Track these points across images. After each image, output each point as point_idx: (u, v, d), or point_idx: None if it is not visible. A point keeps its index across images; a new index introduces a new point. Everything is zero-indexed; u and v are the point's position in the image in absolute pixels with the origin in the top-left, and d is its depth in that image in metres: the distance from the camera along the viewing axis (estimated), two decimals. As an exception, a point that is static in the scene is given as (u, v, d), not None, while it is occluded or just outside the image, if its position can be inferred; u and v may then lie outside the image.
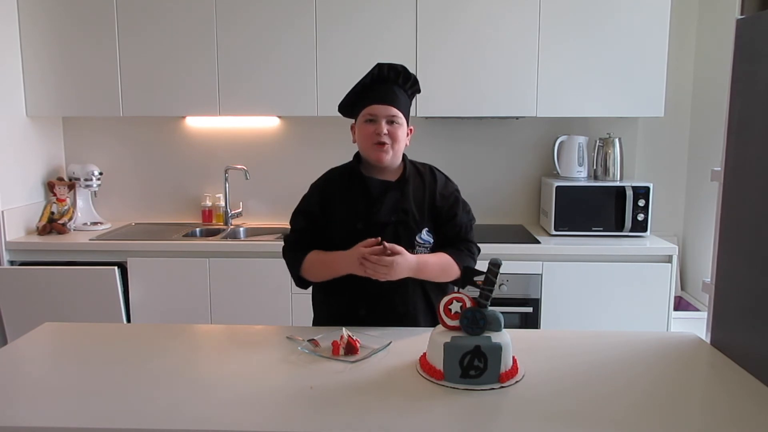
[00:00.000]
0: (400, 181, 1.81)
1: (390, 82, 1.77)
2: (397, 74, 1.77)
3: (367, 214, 1.77)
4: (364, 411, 1.25)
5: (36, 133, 3.25)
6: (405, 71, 1.78)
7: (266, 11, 3.02)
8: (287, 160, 3.44)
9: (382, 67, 1.76)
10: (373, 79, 1.77)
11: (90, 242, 2.99)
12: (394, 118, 1.75)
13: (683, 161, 3.40)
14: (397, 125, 1.76)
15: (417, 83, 1.82)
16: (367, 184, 1.79)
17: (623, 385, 1.39)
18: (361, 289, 1.74)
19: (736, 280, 1.55)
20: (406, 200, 1.78)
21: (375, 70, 1.77)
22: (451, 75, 3.00)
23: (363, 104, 1.77)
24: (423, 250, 1.78)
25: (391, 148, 1.75)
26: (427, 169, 1.88)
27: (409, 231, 1.77)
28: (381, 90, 1.76)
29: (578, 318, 2.87)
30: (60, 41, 3.10)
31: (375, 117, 1.74)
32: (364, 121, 1.76)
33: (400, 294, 1.77)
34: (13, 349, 1.63)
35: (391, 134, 1.74)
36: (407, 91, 1.81)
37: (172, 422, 1.21)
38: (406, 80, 1.79)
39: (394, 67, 1.77)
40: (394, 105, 1.75)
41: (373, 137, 1.74)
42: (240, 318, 2.94)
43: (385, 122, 1.74)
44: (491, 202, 3.41)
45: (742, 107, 1.55)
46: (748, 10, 1.60)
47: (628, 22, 2.95)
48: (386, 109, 1.74)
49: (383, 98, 1.75)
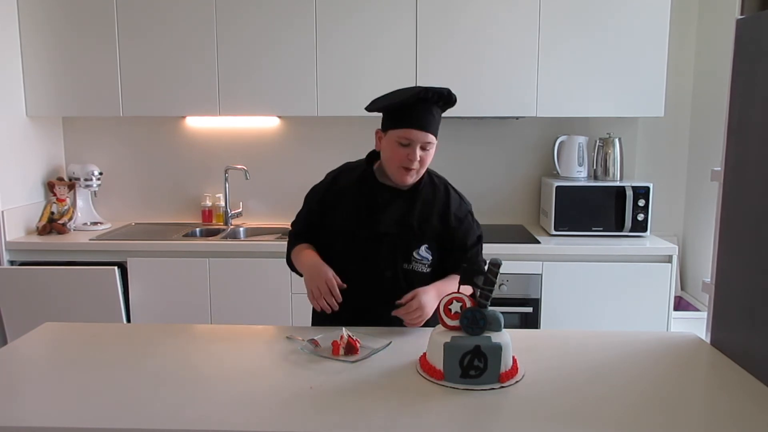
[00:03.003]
0: (411, 192, 1.78)
1: (431, 103, 1.71)
2: (439, 97, 1.71)
3: (367, 222, 1.76)
4: (364, 411, 1.25)
5: (36, 133, 3.25)
6: (449, 95, 1.72)
7: (266, 11, 3.02)
8: (287, 160, 3.44)
9: (428, 92, 1.68)
10: (417, 101, 1.69)
11: (90, 242, 2.99)
12: (428, 145, 1.71)
13: (683, 161, 3.40)
14: (429, 151, 1.72)
15: (455, 103, 1.75)
16: (374, 190, 1.77)
17: (623, 385, 1.39)
18: (350, 294, 1.72)
19: (736, 280, 1.55)
20: (411, 213, 1.76)
21: (421, 93, 1.68)
22: (451, 75, 2.99)
23: (401, 124, 1.69)
24: (420, 266, 1.77)
25: (417, 173, 1.73)
26: (441, 185, 1.84)
27: (406, 245, 1.76)
28: (421, 114, 1.68)
29: (578, 318, 2.87)
30: (60, 41, 3.10)
31: (411, 142, 1.68)
32: (397, 142, 1.70)
33: (385, 305, 1.72)
34: (13, 349, 1.63)
35: (422, 160, 1.71)
36: (442, 108, 1.75)
37: (172, 422, 1.21)
38: (447, 103, 1.73)
39: (440, 93, 1.70)
40: (431, 131, 1.70)
41: (404, 161, 1.70)
42: (240, 318, 2.94)
43: (419, 149, 1.69)
44: (491, 202, 3.41)
45: (742, 107, 1.55)
46: (748, 10, 1.60)
47: (628, 22, 2.95)
48: (424, 135, 1.68)
49: (423, 125, 1.68)
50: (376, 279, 1.75)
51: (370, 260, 1.75)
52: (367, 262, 1.75)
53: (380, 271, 1.75)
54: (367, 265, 1.75)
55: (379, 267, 1.75)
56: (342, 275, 1.72)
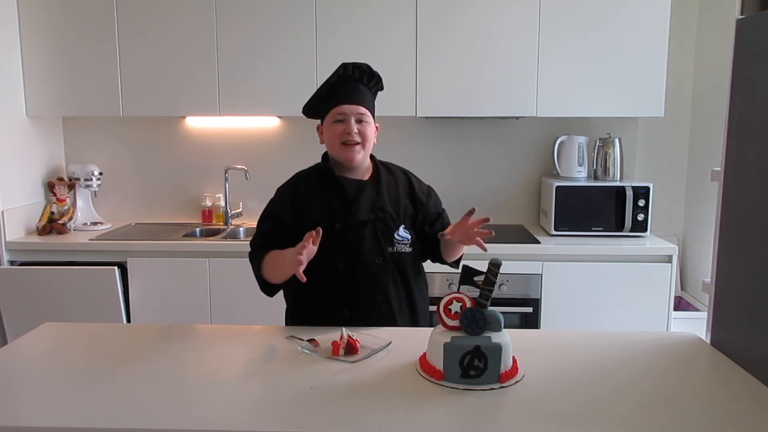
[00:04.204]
0: (374, 180, 1.83)
1: (355, 80, 1.78)
2: (362, 73, 1.79)
3: (345, 214, 1.77)
4: (364, 411, 1.25)
5: (36, 133, 3.25)
6: (369, 69, 1.80)
7: (266, 11, 3.02)
8: (287, 160, 3.41)
9: (348, 67, 1.78)
10: (339, 78, 1.78)
11: (90, 242, 2.99)
12: (363, 116, 1.76)
13: (683, 161, 3.40)
14: (366, 123, 1.77)
15: (380, 81, 1.84)
16: (341, 184, 1.79)
17: (623, 385, 1.39)
18: (343, 287, 1.75)
19: (736, 280, 1.55)
20: (382, 198, 1.80)
21: (340, 70, 1.78)
22: (451, 75, 3.00)
23: (330, 104, 1.77)
24: (402, 246, 1.80)
25: (362, 148, 1.77)
26: (397, 169, 1.92)
27: (387, 228, 1.78)
28: (348, 89, 1.77)
29: (578, 318, 2.87)
30: (60, 41, 3.10)
31: (344, 116, 1.75)
32: (332, 121, 1.77)
33: (381, 293, 1.77)
34: (13, 349, 1.63)
35: (361, 133, 1.76)
36: (371, 89, 1.83)
37: (172, 422, 1.21)
38: (370, 78, 1.81)
39: (359, 66, 1.79)
40: (362, 104, 1.77)
41: (343, 136, 1.75)
42: (240, 318, 2.94)
43: (354, 121, 1.75)
44: (491, 202, 3.41)
45: (742, 107, 1.55)
46: (748, 10, 1.60)
47: (628, 22, 2.95)
48: (355, 108, 1.75)
49: (351, 98, 1.76)
50: (366, 267, 1.76)
51: (357, 250, 1.76)
52: (354, 252, 1.76)
53: (369, 259, 1.76)
54: (355, 256, 1.76)
55: (366, 255, 1.76)
56: (332, 271, 1.74)
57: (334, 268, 1.75)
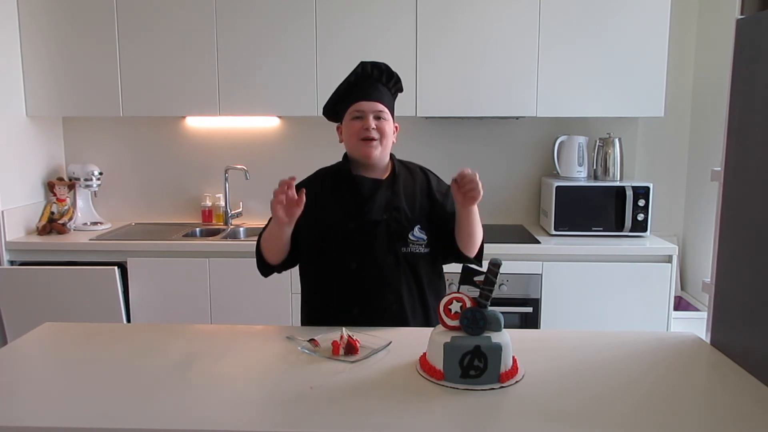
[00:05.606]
0: (391, 179, 1.82)
1: (374, 79, 1.78)
2: (380, 72, 1.79)
3: (358, 213, 1.77)
4: (364, 411, 1.25)
5: (36, 133, 3.25)
6: (388, 69, 1.80)
7: (266, 11, 3.02)
8: (287, 160, 3.44)
9: (366, 65, 1.78)
10: (358, 77, 1.78)
11: (90, 242, 2.99)
12: (381, 113, 1.76)
13: (683, 161, 3.40)
14: (384, 120, 1.77)
15: (399, 81, 1.84)
16: (356, 182, 1.79)
17: (623, 385, 1.39)
18: (354, 287, 1.75)
19: (736, 280, 1.55)
20: (398, 198, 1.79)
21: (359, 69, 1.78)
22: (451, 75, 3.00)
23: (349, 102, 1.77)
24: (417, 247, 1.78)
25: (379, 144, 1.76)
26: (416, 168, 1.91)
27: (401, 228, 1.77)
28: (366, 87, 1.77)
29: (578, 318, 2.87)
30: (60, 41, 3.10)
31: (362, 113, 1.75)
32: (351, 118, 1.77)
33: (393, 293, 1.77)
34: (13, 349, 1.63)
35: (379, 129, 1.75)
36: (391, 89, 1.83)
37: (172, 422, 1.21)
38: (389, 78, 1.80)
39: (378, 65, 1.79)
40: (381, 101, 1.77)
41: (361, 132, 1.75)
42: (240, 318, 2.94)
43: (372, 117, 1.75)
44: (491, 202, 3.41)
45: (742, 107, 1.55)
46: (748, 10, 1.60)
47: (628, 22, 2.95)
48: (373, 105, 1.75)
49: (369, 95, 1.76)
50: (378, 267, 1.76)
51: (369, 249, 1.75)
52: (365, 252, 1.75)
53: (381, 259, 1.75)
54: (366, 256, 1.75)
55: (378, 255, 1.75)
56: (344, 270, 1.74)
57: (347, 267, 1.75)
